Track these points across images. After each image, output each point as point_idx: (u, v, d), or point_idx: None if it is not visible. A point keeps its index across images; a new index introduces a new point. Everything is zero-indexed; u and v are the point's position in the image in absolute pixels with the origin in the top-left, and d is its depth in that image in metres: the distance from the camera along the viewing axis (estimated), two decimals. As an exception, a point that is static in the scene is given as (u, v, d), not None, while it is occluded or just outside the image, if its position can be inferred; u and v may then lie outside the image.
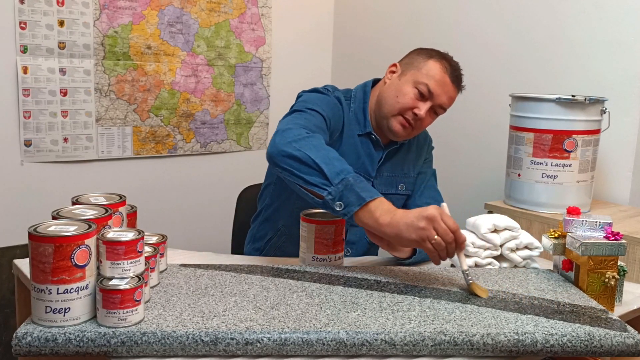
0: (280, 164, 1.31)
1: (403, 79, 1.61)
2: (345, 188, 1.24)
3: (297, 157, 1.29)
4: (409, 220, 1.19)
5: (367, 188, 1.25)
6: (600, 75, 2.15)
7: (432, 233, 1.18)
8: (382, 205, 1.23)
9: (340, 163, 1.29)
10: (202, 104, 2.85)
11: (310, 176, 1.27)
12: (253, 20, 2.97)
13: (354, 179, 1.26)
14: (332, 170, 1.26)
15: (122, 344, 0.97)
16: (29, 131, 2.42)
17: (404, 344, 1.01)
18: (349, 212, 1.23)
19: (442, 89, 1.58)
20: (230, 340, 0.98)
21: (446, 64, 1.60)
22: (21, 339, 0.96)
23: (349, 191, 1.24)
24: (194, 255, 1.49)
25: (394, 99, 1.59)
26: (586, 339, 1.04)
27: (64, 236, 0.97)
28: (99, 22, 2.52)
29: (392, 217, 1.21)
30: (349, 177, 1.25)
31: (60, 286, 0.97)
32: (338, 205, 1.24)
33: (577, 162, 1.94)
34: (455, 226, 1.20)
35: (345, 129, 1.62)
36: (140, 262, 1.05)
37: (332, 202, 1.24)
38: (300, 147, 1.30)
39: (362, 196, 1.23)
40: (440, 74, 1.58)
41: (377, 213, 1.22)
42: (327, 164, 1.27)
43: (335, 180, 1.25)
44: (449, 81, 1.59)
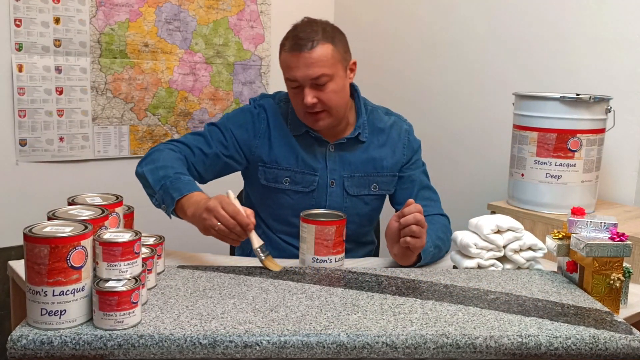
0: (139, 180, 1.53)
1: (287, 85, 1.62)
2: (164, 192, 1.42)
3: (138, 173, 1.52)
4: (197, 212, 1.34)
5: (179, 187, 1.42)
6: (605, 74, 2.15)
7: (214, 222, 1.30)
8: (190, 199, 1.39)
9: (164, 170, 1.46)
10: (200, 103, 2.86)
11: (146, 189, 1.49)
12: (252, 17, 2.97)
13: (171, 182, 1.43)
14: (155, 179, 1.45)
15: (119, 346, 0.97)
16: (24, 130, 2.42)
17: (406, 346, 1.01)
18: (169, 212, 1.42)
19: (297, 68, 1.51)
20: (228, 343, 0.98)
21: (286, 42, 1.54)
22: (16, 341, 0.96)
23: (165, 194, 1.42)
24: (191, 256, 1.49)
25: (293, 107, 1.62)
26: (591, 342, 1.04)
27: (59, 237, 0.97)
28: (95, 19, 2.52)
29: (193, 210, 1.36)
30: (166, 182, 1.43)
31: (56, 288, 0.97)
32: (164, 208, 1.44)
33: (582, 162, 1.94)
34: (235, 211, 1.31)
35: (273, 132, 1.64)
36: (138, 264, 1.05)
37: (160, 207, 1.45)
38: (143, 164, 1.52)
39: (173, 196, 1.40)
40: (289, 57, 1.52)
41: (186, 208, 1.38)
42: (152, 174, 1.46)
43: (157, 187, 1.44)
44: (297, 54, 1.50)
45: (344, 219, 1.41)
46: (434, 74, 2.74)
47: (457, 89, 2.69)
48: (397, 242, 1.39)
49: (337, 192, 1.66)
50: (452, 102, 2.71)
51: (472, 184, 2.63)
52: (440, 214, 1.67)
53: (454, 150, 2.69)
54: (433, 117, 2.74)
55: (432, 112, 2.76)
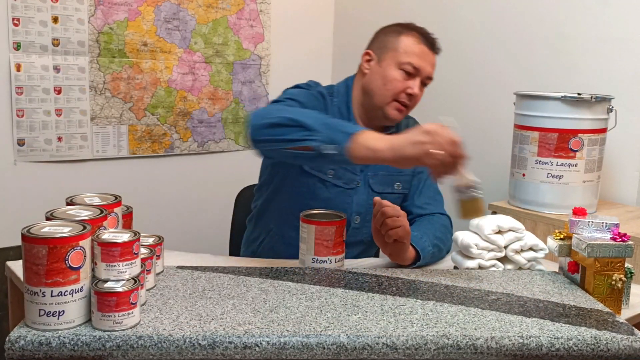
0: (259, 137, 1.34)
1: (384, 64, 1.60)
2: (330, 130, 1.26)
3: (274, 122, 1.31)
4: (408, 137, 1.20)
5: (350, 125, 1.30)
6: (607, 73, 2.15)
7: (431, 147, 1.18)
8: (371, 134, 1.25)
9: (316, 113, 1.33)
10: (199, 102, 2.86)
11: (293, 134, 1.28)
12: (251, 16, 2.97)
13: (335, 121, 1.30)
14: (311, 120, 1.28)
15: (118, 347, 0.97)
16: (22, 130, 2.42)
17: (406, 347, 1.01)
18: (342, 149, 1.23)
19: (424, 60, 1.58)
20: (228, 344, 0.98)
21: (417, 34, 1.60)
22: (14, 342, 0.96)
23: (333, 132, 1.25)
24: (191, 257, 1.49)
25: (383, 87, 1.59)
26: (592, 343, 1.04)
27: (58, 237, 0.97)
28: (93, 18, 2.52)
29: (389, 141, 1.22)
30: (329, 121, 1.29)
31: (55, 289, 0.97)
32: (330, 148, 1.24)
33: (583, 162, 1.94)
34: (458, 138, 1.20)
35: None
36: (136, 264, 1.05)
37: (324, 147, 1.25)
38: (274, 114, 1.34)
39: (346, 131, 1.25)
40: (418, 47, 1.58)
41: (371, 142, 1.23)
42: (304, 117, 1.29)
43: (318, 127, 1.26)
44: (427, 50, 1.59)
45: (344, 219, 1.41)
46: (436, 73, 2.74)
47: (457, 89, 2.68)
48: (386, 243, 1.41)
49: (362, 190, 1.64)
50: (452, 101, 2.71)
51: (473, 184, 2.63)
52: (441, 213, 1.67)
53: (454, 150, 2.69)
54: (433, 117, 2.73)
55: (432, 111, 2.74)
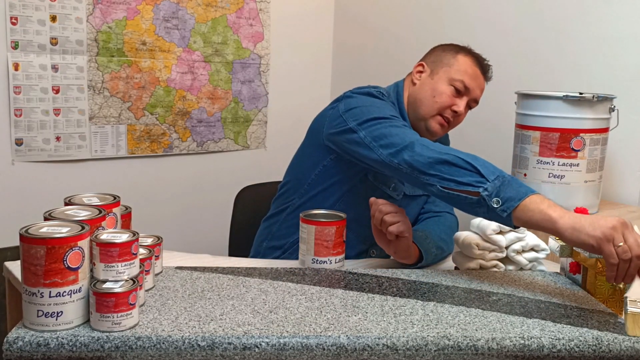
0: (428, 171, 1.33)
1: (436, 78, 1.64)
2: (503, 184, 1.23)
3: (448, 160, 1.31)
4: (592, 219, 1.13)
5: (525, 185, 1.24)
6: (609, 72, 2.15)
7: (619, 237, 1.11)
8: (547, 200, 1.20)
9: (491, 164, 1.31)
10: (198, 102, 2.86)
11: (463, 177, 1.28)
12: (251, 15, 2.97)
13: (511, 177, 1.26)
14: (486, 169, 1.27)
15: (116, 348, 0.97)
16: (20, 130, 2.42)
17: (407, 348, 1.01)
18: (508, 207, 1.20)
19: (475, 82, 1.64)
20: (227, 345, 0.98)
21: (473, 57, 1.67)
22: (12, 343, 0.96)
23: (506, 186, 1.22)
24: (190, 257, 1.49)
25: (431, 99, 1.62)
26: (594, 344, 1.04)
27: (56, 238, 0.97)
28: (92, 17, 2.52)
29: (566, 213, 1.16)
30: (505, 175, 1.26)
31: (53, 289, 0.97)
32: (495, 201, 1.22)
33: (585, 162, 1.94)
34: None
35: None
36: (135, 265, 1.05)
37: (489, 198, 1.22)
38: (448, 151, 1.33)
39: (522, 191, 1.21)
40: (472, 68, 1.64)
41: (544, 205, 1.18)
42: (479, 165, 1.28)
43: (491, 177, 1.25)
44: (479, 73, 1.65)
45: (344, 219, 1.41)
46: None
47: (458, 88, 2.69)
48: (389, 242, 1.41)
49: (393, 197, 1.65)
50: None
51: (474, 184, 2.63)
52: (449, 213, 1.68)
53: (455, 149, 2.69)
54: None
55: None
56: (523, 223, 1.21)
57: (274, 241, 1.74)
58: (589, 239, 1.12)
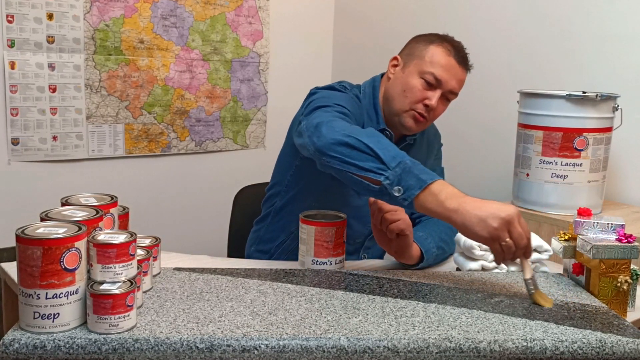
0: (328, 152, 1.29)
1: (407, 71, 1.59)
2: (404, 171, 1.21)
3: (349, 143, 1.27)
4: (483, 214, 1.15)
5: (427, 171, 1.23)
6: (613, 71, 2.15)
7: (505, 235, 1.15)
8: (447, 188, 1.20)
9: (394, 148, 1.26)
10: (197, 101, 2.86)
11: (365, 162, 1.24)
12: (250, 13, 2.97)
13: (412, 162, 1.23)
14: (387, 154, 1.23)
15: (114, 351, 0.97)
16: (17, 129, 2.42)
17: (408, 351, 1.01)
18: (409, 196, 1.19)
19: (449, 73, 1.56)
20: (226, 347, 0.98)
21: (448, 45, 1.58)
22: (8, 345, 0.96)
23: (407, 174, 1.20)
24: (188, 258, 1.49)
25: (402, 95, 1.58)
26: (597, 346, 1.04)
27: (53, 239, 0.97)
28: (89, 15, 2.52)
29: (461, 204, 1.17)
30: (406, 160, 1.23)
31: (49, 291, 0.97)
32: (397, 190, 1.20)
33: (588, 162, 1.94)
34: (529, 231, 1.18)
35: (366, 125, 1.61)
36: (133, 266, 1.05)
37: (390, 187, 1.21)
38: (350, 133, 1.28)
39: (422, 178, 1.20)
40: (445, 58, 1.56)
41: (442, 196, 1.18)
42: (381, 149, 1.24)
43: (392, 164, 1.22)
44: (455, 63, 1.57)
45: (344, 219, 1.41)
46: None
47: (460, 87, 2.69)
48: (389, 241, 1.41)
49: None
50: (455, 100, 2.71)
51: (475, 184, 2.63)
52: None
53: (457, 149, 2.69)
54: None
55: (434, 110, 2.76)
56: (424, 211, 1.21)
57: (261, 245, 1.75)
58: (478, 238, 1.17)
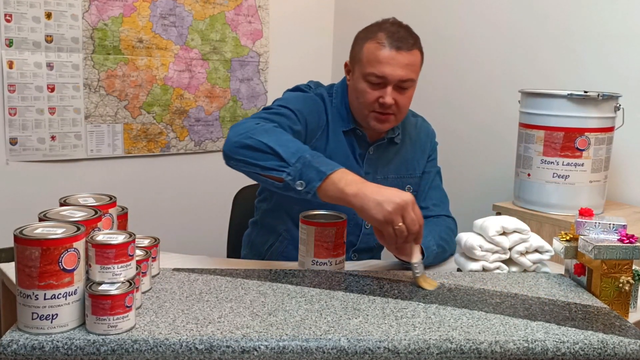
0: (234, 156, 1.34)
1: (354, 77, 1.57)
2: (304, 166, 1.27)
3: (250, 145, 1.32)
4: (379, 199, 1.22)
5: (327, 162, 1.29)
6: (614, 70, 2.15)
7: (398, 219, 1.22)
8: (347, 176, 1.26)
9: (294, 143, 1.32)
10: (196, 101, 2.86)
11: (266, 161, 1.30)
12: (250, 12, 2.97)
13: (312, 156, 1.28)
14: (287, 151, 1.29)
15: (113, 352, 0.97)
16: (15, 129, 2.42)
17: (408, 352, 1.01)
18: (312, 189, 1.26)
19: (390, 66, 1.50)
20: (225, 348, 0.98)
21: (382, 36, 1.52)
22: (6, 347, 0.96)
23: (307, 168, 1.26)
24: (187, 258, 1.49)
25: (357, 101, 1.57)
26: (599, 347, 1.04)
27: (51, 239, 0.97)
28: (87, 14, 2.52)
29: (360, 189, 1.24)
30: (305, 155, 1.28)
31: (48, 291, 0.97)
32: (299, 184, 1.26)
33: (590, 162, 1.94)
34: (422, 217, 1.26)
35: (331, 125, 1.61)
36: (132, 266, 1.05)
37: (293, 182, 1.27)
38: (252, 135, 1.33)
39: (322, 170, 1.26)
40: (380, 53, 1.50)
41: (342, 183, 1.25)
42: (281, 146, 1.30)
43: (292, 160, 1.27)
44: (392, 53, 1.50)
45: (345, 220, 1.41)
46: (437, 71, 2.74)
47: (461, 87, 2.69)
48: None
49: None
50: (456, 99, 2.71)
51: (476, 184, 2.63)
52: (447, 216, 1.68)
53: (458, 149, 2.69)
54: (436, 115, 2.74)
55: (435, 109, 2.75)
56: (327, 200, 1.27)
57: (253, 248, 1.76)
58: (373, 221, 1.23)
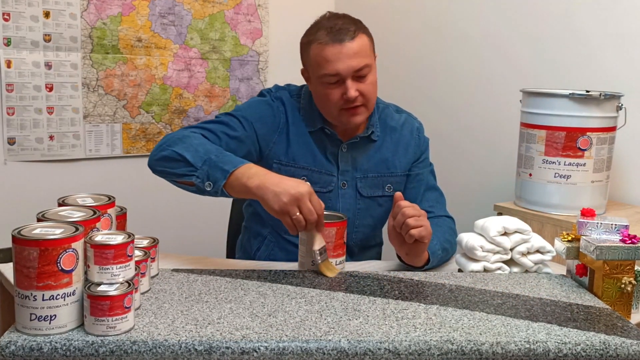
0: (155, 168, 1.47)
1: (313, 83, 1.58)
2: (210, 167, 1.36)
3: (165, 156, 1.43)
4: (277, 190, 1.29)
5: (231, 160, 1.37)
6: (616, 70, 2.15)
7: (294, 210, 1.28)
8: (249, 170, 1.34)
9: (203, 148, 1.41)
10: (195, 100, 2.86)
11: (179, 169, 1.41)
12: (249, 11, 2.97)
13: (217, 157, 1.38)
14: (195, 156, 1.39)
15: (111, 353, 0.97)
16: (13, 128, 2.42)
17: (409, 353, 1.01)
18: (218, 188, 1.35)
19: (338, 60, 1.48)
20: (225, 349, 0.98)
21: (321, 34, 1.51)
22: (4, 348, 0.96)
23: (213, 169, 1.36)
24: (186, 259, 1.49)
25: (323, 105, 1.57)
26: (601, 348, 1.04)
27: (49, 239, 0.97)
28: (86, 13, 2.52)
29: (262, 181, 1.31)
30: (211, 157, 1.38)
31: (46, 292, 0.97)
32: (208, 185, 1.36)
33: (592, 161, 1.94)
34: (322, 209, 1.31)
35: (292, 127, 1.61)
36: (130, 267, 1.05)
37: (202, 184, 1.37)
38: (167, 146, 1.44)
39: (225, 169, 1.35)
40: (325, 51, 1.49)
41: (244, 178, 1.33)
42: (190, 152, 1.40)
43: (199, 163, 1.38)
44: (336, 47, 1.48)
45: (345, 220, 1.41)
46: (438, 70, 2.74)
47: (462, 86, 2.69)
48: (403, 243, 1.40)
49: (349, 194, 1.64)
50: (457, 99, 2.71)
51: (477, 184, 2.63)
52: (446, 216, 1.68)
53: (458, 149, 2.69)
54: (437, 114, 2.74)
55: (436, 109, 2.76)
56: (236, 195, 1.36)
57: (245, 253, 1.76)
58: (272, 211, 1.31)
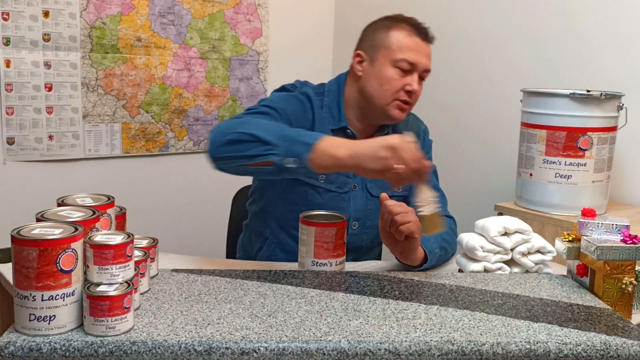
0: (219, 155, 1.35)
1: (377, 64, 1.57)
2: (290, 142, 1.27)
3: (232, 139, 1.33)
4: (371, 150, 1.23)
5: (310, 134, 1.30)
6: (617, 69, 2.15)
7: (394, 162, 1.22)
8: (332, 141, 1.27)
9: (275, 126, 1.35)
10: (195, 100, 2.86)
11: (252, 150, 1.30)
12: (249, 10, 2.97)
13: (295, 132, 1.31)
14: (269, 134, 1.29)
15: (111, 353, 0.97)
16: (12, 128, 2.42)
17: (409, 353, 1.01)
18: (304, 162, 1.25)
19: (419, 53, 1.55)
20: (225, 350, 0.98)
21: (407, 26, 1.57)
22: (3, 348, 0.96)
23: (293, 144, 1.27)
24: (186, 259, 1.49)
25: (380, 89, 1.56)
26: (602, 349, 1.04)
27: (48, 240, 0.97)
28: (85, 12, 2.52)
29: (351, 148, 1.25)
30: (287, 133, 1.30)
31: (45, 292, 0.97)
32: (290, 162, 1.27)
33: (593, 161, 1.94)
34: (422, 153, 1.25)
35: (317, 124, 1.61)
36: (130, 267, 1.05)
37: (282, 161, 1.27)
38: (231, 130, 1.34)
39: (307, 142, 1.27)
40: (411, 40, 1.55)
41: (331, 149, 1.25)
42: (262, 131, 1.30)
43: (276, 141, 1.28)
44: (420, 41, 1.56)
45: (345, 220, 1.41)
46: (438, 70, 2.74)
47: (462, 86, 2.69)
48: (396, 242, 1.40)
49: (360, 195, 1.64)
50: (457, 99, 2.71)
51: (478, 184, 2.63)
52: (447, 216, 1.68)
53: (459, 149, 2.69)
54: (437, 114, 2.74)
55: (436, 109, 2.76)
56: (323, 170, 1.29)
57: (245, 253, 1.76)
58: (373, 174, 1.26)
